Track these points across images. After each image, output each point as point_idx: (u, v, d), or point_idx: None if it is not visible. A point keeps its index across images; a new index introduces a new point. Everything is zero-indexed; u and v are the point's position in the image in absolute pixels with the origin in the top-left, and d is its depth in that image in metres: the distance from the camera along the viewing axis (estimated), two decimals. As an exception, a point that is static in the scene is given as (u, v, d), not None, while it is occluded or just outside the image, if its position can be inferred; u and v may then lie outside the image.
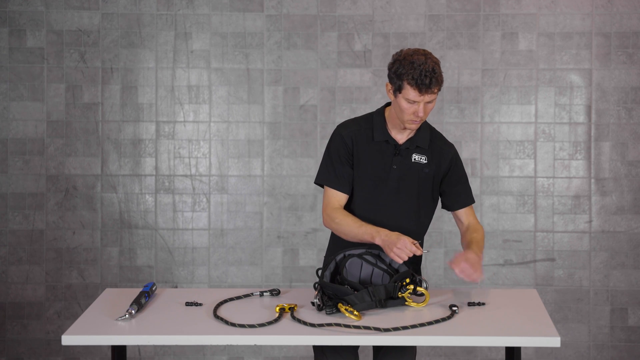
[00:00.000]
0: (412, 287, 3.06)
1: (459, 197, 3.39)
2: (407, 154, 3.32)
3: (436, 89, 3.15)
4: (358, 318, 2.97)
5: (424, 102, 3.16)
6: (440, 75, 3.16)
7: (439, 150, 3.35)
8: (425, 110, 3.18)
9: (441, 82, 3.16)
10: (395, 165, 3.30)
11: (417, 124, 3.23)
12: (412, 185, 3.32)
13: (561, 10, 4.92)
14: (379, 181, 3.31)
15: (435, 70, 3.14)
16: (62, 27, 4.97)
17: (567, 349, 4.97)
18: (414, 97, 3.14)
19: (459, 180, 3.38)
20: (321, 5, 4.94)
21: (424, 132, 3.34)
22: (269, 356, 5.02)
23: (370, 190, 3.32)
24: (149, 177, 5.02)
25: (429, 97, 3.15)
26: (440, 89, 3.18)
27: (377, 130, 3.33)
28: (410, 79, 3.13)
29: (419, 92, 3.13)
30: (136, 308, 3.00)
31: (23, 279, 5.02)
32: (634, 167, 4.93)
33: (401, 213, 3.32)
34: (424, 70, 3.12)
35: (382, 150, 3.32)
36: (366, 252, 3.21)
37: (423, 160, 3.33)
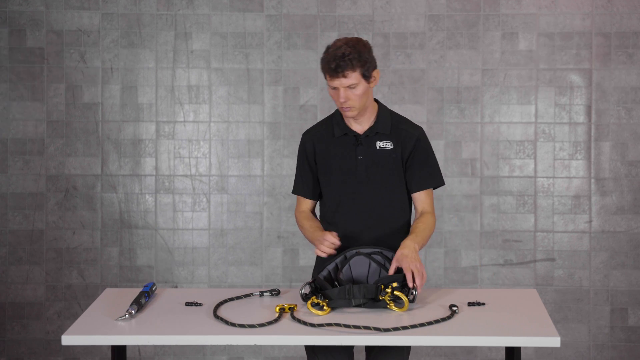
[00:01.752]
0: (390, 290, 3.04)
1: (415, 180, 3.36)
2: (369, 142, 3.33)
3: (348, 73, 3.17)
4: (324, 314, 2.97)
5: (342, 86, 3.19)
6: (353, 60, 3.16)
7: (404, 134, 3.35)
8: (348, 96, 3.20)
9: (356, 65, 3.16)
10: (361, 155, 3.32)
11: (350, 111, 3.24)
12: (382, 173, 3.33)
13: (561, 10, 4.92)
14: (348, 174, 3.33)
15: (345, 54, 3.16)
16: (62, 27, 4.97)
17: (567, 349, 4.97)
18: (330, 82, 3.21)
19: (420, 162, 3.35)
20: (321, 5, 4.94)
21: (384, 118, 3.35)
22: (269, 356, 5.02)
23: (341, 185, 3.35)
24: (149, 177, 5.02)
25: (344, 81, 3.18)
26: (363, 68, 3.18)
27: (337, 126, 3.36)
28: (322, 65, 3.22)
29: (330, 77, 3.19)
30: (136, 308, 3.00)
31: (23, 279, 5.02)
32: (634, 167, 4.93)
33: (377, 202, 3.33)
34: (333, 55, 3.18)
35: (344, 143, 3.35)
36: (375, 252, 3.21)
37: (389, 146, 3.33)
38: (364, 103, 3.26)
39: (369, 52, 3.23)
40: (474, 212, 4.97)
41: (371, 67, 3.23)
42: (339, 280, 3.12)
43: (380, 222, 3.33)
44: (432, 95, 4.96)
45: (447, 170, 4.96)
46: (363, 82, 3.21)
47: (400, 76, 4.95)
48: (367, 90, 3.25)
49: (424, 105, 4.96)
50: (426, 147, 3.37)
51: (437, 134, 4.95)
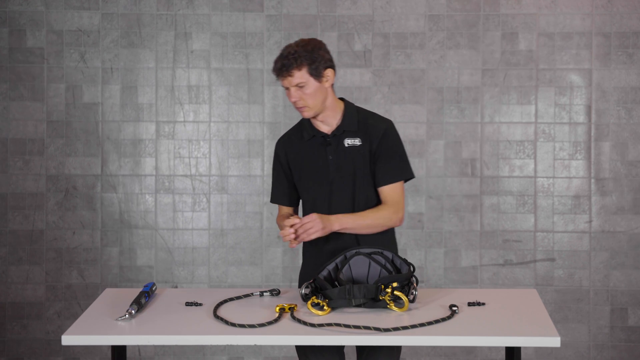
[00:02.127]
0: (390, 290, 3.04)
1: (382, 174, 3.34)
2: (338, 141, 3.33)
3: (294, 72, 3.19)
4: (324, 314, 2.98)
5: (291, 86, 3.22)
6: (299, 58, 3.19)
7: (371, 128, 3.34)
8: (299, 95, 3.22)
9: (302, 63, 3.19)
10: (331, 155, 3.33)
11: (305, 111, 3.26)
12: (353, 170, 3.32)
13: (561, 10, 4.92)
14: (320, 175, 3.35)
15: (291, 53, 3.20)
16: (62, 27, 4.97)
17: (567, 349, 4.97)
18: (281, 83, 3.24)
19: (386, 156, 3.33)
20: (321, 5, 4.94)
21: (350, 116, 3.35)
22: (269, 356, 5.02)
23: (315, 187, 3.36)
24: (149, 177, 5.02)
25: (291, 80, 3.20)
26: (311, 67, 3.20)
27: (305, 129, 3.38)
28: (272, 68, 3.26)
29: (278, 77, 3.23)
30: (136, 308, 3.00)
31: (23, 279, 5.02)
32: (634, 167, 4.93)
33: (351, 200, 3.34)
34: (280, 55, 3.23)
35: (314, 145, 3.36)
36: (375, 252, 3.21)
37: (357, 142, 3.33)
38: (319, 102, 3.26)
39: (320, 50, 3.24)
40: (474, 212, 4.97)
41: (321, 65, 3.22)
42: (339, 280, 3.12)
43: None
44: (432, 95, 4.96)
45: (447, 170, 4.96)
46: (312, 81, 3.22)
47: (400, 76, 4.95)
48: (320, 89, 3.25)
49: (424, 105, 4.96)
50: (393, 140, 3.35)
51: (437, 134, 4.95)
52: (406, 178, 3.36)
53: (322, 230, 3.17)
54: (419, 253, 4.97)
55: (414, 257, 4.96)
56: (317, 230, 3.16)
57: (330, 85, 3.30)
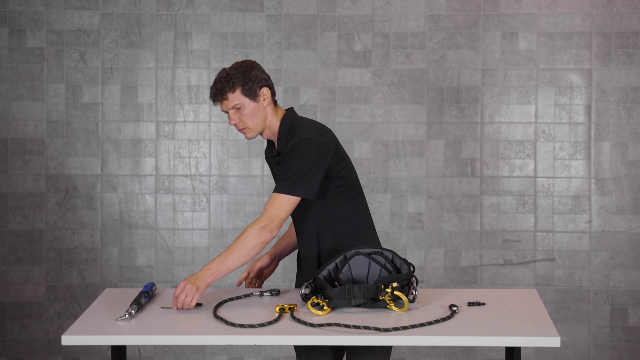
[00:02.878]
0: (390, 290, 3.04)
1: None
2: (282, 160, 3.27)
3: (228, 95, 3.16)
4: (324, 314, 2.98)
5: (228, 109, 3.19)
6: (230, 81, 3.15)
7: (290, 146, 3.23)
8: (237, 117, 3.19)
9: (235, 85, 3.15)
10: (279, 174, 3.27)
11: (248, 132, 3.23)
12: None
13: (561, 10, 4.92)
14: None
15: (223, 77, 3.17)
16: (62, 27, 4.98)
17: (567, 349, 4.97)
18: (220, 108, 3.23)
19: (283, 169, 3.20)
20: (321, 5, 4.94)
21: (282, 134, 3.26)
22: (269, 356, 5.02)
23: None
24: (149, 177, 5.02)
25: (227, 103, 3.17)
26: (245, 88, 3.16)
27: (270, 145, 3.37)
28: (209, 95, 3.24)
29: (214, 102, 3.21)
30: (136, 308, 3.00)
31: (23, 279, 5.02)
32: (634, 167, 4.93)
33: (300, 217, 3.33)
34: (214, 81, 3.21)
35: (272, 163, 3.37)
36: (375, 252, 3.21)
37: None
38: (259, 122, 3.21)
39: (252, 70, 3.19)
40: (474, 212, 4.97)
41: (256, 85, 3.17)
42: (339, 280, 3.12)
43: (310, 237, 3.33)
44: (432, 95, 4.96)
45: (447, 170, 4.96)
46: (248, 101, 3.17)
47: (400, 76, 4.95)
48: (258, 108, 3.20)
49: (424, 105, 4.96)
50: (298, 154, 3.18)
51: (437, 134, 4.95)
52: (291, 194, 3.15)
53: (197, 292, 3.06)
54: (419, 253, 4.97)
55: (414, 257, 4.96)
56: (193, 296, 3.05)
57: (270, 103, 3.23)
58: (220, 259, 3.11)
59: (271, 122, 3.26)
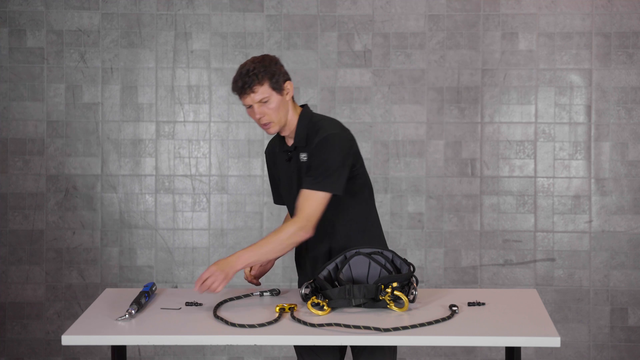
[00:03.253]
0: (390, 290, 3.04)
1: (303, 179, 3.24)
2: (296, 157, 3.28)
3: (257, 88, 3.15)
4: (324, 314, 2.98)
5: (254, 103, 3.17)
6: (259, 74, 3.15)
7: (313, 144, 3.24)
8: (263, 111, 3.18)
9: (263, 78, 3.15)
10: (292, 169, 3.30)
11: (271, 127, 3.21)
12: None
13: (561, 10, 4.92)
14: (289, 189, 3.33)
15: (250, 70, 3.15)
16: (62, 27, 4.97)
17: (567, 349, 4.97)
18: (243, 101, 3.19)
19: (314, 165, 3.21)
20: (321, 5, 4.94)
21: (301, 130, 3.27)
22: (269, 356, 5.02)
23: (288, 198, 3.36)
24: (149, 177, 5.02)
25: (255, 96, 3.15)
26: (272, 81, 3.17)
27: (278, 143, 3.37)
28: (232, 87, 3.20)
29: (241, 96, 3.17)
30: (136, 308, 3.00)
31: (23, 279, 5.02)
32: (634, 167, 4.93)
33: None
34: (239, 74, 3.17)
35: (283, 159, 3.35)
36: (375, 252, 3.20)
37: (305, 158, 3.27)
38: (282, 117, 3.21)
39: (276, 64, 3.21)
40: (474, 212, 4.97)
41: (281, 78, 3.19)
42: (339, 280, 3.12)
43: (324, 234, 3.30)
44: (432, 95, 4.96)
45: (447, 171, 4.96)
46: (275, 95, 3.18)
47: (400, 76, 4.95)
48: (282, 102, 3.20)
49: (424, 105, 4.96)
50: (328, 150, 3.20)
51: (437, 134, 4.95)
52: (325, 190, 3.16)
53: (226, 279, 3.09)
54: (419, 253, 4.97)
55: (414, 257, 4.96)
56: (220, 281, 3.09)
57: (290, 97, 3.25)
58: (254, 249, 3.14)
59: (291, 116, 3.27)
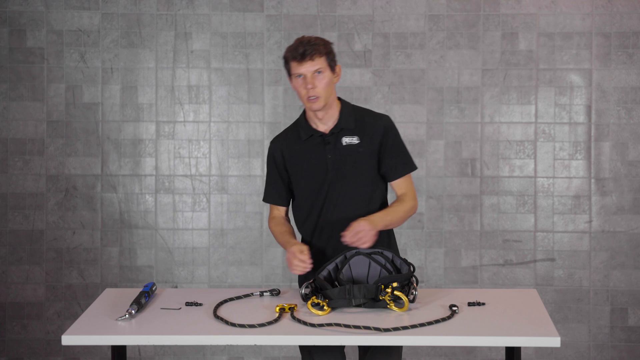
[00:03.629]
0: (390, 290, 3.04)
1: (392, 168, 3.37)
2: (336, 140, 3.33)
3: (316, 57, 3.22)
4: (324, 314, 2.98)
5: (309, 72, 3.22)
6: (320, 45, 3.24)
7: (369, 126, 3.35)
8: (315, 82, 3.22)
9: (322, 51, 3.24)
10: (329, 154, 3.32)
11: (316, 102, 3.25)
12: (351, 169, 3.33)
13: (561, 10, 4.92)
14: (318, 176, 3.34)
15: (311, 41, 3.24)
16: (62, 27, 4.98)
17: (567, 349, 4.97)
18: (296, 68, 3.23)
19: (392, 151, 3.35)
20: (321, 5, 4.94)
21: (347, 114, 3.35)
22: (269, 356, 5.02)
23: (313, 187, 3.35)
24: (149, 177, 5.02)
25: (312, 64, 3.21)
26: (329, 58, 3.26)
27: (302, 129, 3.37)
28: (288, 54, 3.26)
29: (297, 62, 3.22)
30: (136, 308, 3.00)
31: (23, 279, 5.02)
32: (634, 167, 4.93)
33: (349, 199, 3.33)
34: (299, 42, 3.25)
35: (312, 145, 3.35)
36: (375, 252, 3.21)
37: (355, 141, 3.33)
38: (329, 95, 3.27)
39: (332, 46, 3.31)
40: (474, 212, 4.97)
41: (335, 59, 3.29)
42: (339, 280, 3.13)
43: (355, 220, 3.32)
44: (432, 95, 4.96)
45: (447, 170, 4.96)
46: (328, 71, 3.26)
47: (400, 76, 4.95)
48: (331, 82, 3.27)
49: (424, 105, 4.96)
50: (395, 134, 3.37)
51: (437, 134, 4.95)
52: (413, 169, 3.41)
53: (374, 237, 3.17)
54: (419, 253, 4.97)
55: (414, 257, 4.96)
56: (370, 238, 3.16)
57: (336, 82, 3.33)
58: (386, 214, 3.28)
59: (332, 101, 3.34)
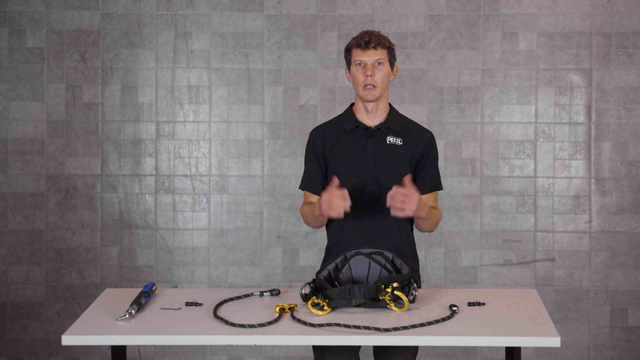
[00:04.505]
0: (390, 290, 3.04)
1: (427, 182, 3.44)
2: (380, 136, 3.39)
3: (379, 48, 3.31)
4: (324, 314, 2.98)
5: (371, 61, 3.31)
6: (384, 38, 3.34)
7: (414, 134, 3.43)
8: (375, 72, 3.30)
9: (386, 43, 3.33)
10: (370, 148, 3.37)
11: (372, 90, 3.32)
12: (390, 167, 3.37)
13: (561, 10, 4.92)
14: (356, 166, 3.38)
15: (375, 33, 3.34)
16: (62, 27, 4.98)
17: (567, 349, 4.97)
18: (358, 55, 3.31)
19: (430, 165, 3.43)
20: (321, 5, 4.94)
21: (395, 117, 3.43)
22: (269, 356, 5.02)
23: (349, 176, 3.37)
24: (149, 177, 5.02)
25: (375, 53, 3.29)
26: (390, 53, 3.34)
27: (347, 121, 3.43)
28: (353, 41, 3.34)
29: (362, 49, 3.31)
30: (136, 308, 3.00)
31: (23, 279, 5.02)
32: (634, 167, 4.93)
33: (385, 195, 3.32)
34: (364, 33, 3.34)
35: (355, 136, 3.40)
36: (375, 252, 3.21)
37: (399, 142, 3.40)
38: (384, 88, 3.35)
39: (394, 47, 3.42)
40: (474, 212, 4.97)
41: (395, 57, 3.38)
42: (339, 280, 3.13)
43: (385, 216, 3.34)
44: (432, 95, 4.96)
45: (447, 170, 4.96)
46: (388, 65, 3.35)
47: (400, 76, 4.95)
48: (388, 77, 3.36)
49: (424, 105, 4.96)
50: (436, 151, 3.47)
51: (437, 134, 4.95)
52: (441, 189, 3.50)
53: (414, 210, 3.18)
54: (419, 253, 4.97)
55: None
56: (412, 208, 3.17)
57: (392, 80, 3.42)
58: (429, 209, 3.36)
59: (386, 98, 3.42)
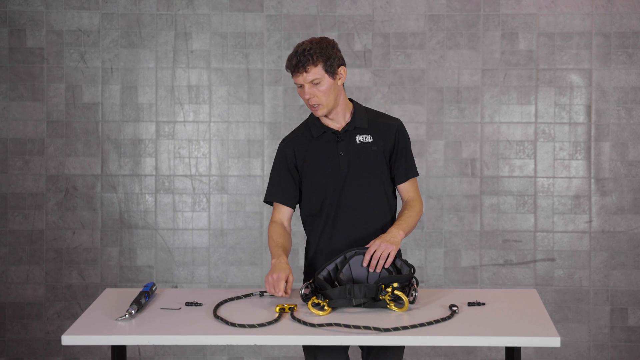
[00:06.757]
0: (390, 290, 3.04)
1: (401, 171, 3.39)
2: (349, 137, 3.34)
3: (310, 68, 3.19)
4: (324, 314, 2.98)
5: (305, 82, 3.21)
6: (314, 53, 3.19)
7: (382, 127, 3.37)
8: (313, 92, 3.22)
9: (317, 60, 3.19)
10: (342, 151, 3.33)
11: (318, 109, 3.26)
12: (364, 167, 3.34)
13: (561, 10, 4.92)
14: (331, 171, 3.33)
15: (306, 49, 3.20)
16: (62, 27, 4.98)
17: (567, 349, 4.97)
18: (294, 79, 3.24)
19: (402, 154, 3.38)
20: (321, 5, 4.94)
21: (360, 115, 3.37)
22: (269, 356, 5.02)
23: (325, 184, 3.34)
24: (149, 177, 5.02)
25: (307, 76, 3.20)
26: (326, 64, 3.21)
27: (314, 127, 3.37)
28: (286, 63, 3.25)
29: (293, 74, 3.22)
30: (136, 308, 3.00)
31: (23, 279, 5.02)
32: (634, 167, 4.93)
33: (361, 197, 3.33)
34: (294, 52, 3.22)
35: (324, 142, 3.35)
36: None
37: (369, 139, 3.35)
38: (332, 100, 3.26)
39: (333, 48, 3.25)
40: (474, 212, 4.97)
41: (335, 63, 3.24)
42: (339, 280, 3.13)
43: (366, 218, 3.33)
44: (432, 95, 4.96)
45: (447, 170, 4.96)
46: (327, 78, 3.23)
47: (400, 76, 4.95)
48: (333, 86, 3.25)
49: (424, 105, 4.96)
50: (407, 138, 3.41)
51: (437, 134, 4.95)
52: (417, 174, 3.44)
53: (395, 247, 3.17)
54: (419, 253, 4.97)
55: (414, 257, 4.96)
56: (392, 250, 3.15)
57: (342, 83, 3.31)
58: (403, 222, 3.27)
59: (342, 101, 3.34)
